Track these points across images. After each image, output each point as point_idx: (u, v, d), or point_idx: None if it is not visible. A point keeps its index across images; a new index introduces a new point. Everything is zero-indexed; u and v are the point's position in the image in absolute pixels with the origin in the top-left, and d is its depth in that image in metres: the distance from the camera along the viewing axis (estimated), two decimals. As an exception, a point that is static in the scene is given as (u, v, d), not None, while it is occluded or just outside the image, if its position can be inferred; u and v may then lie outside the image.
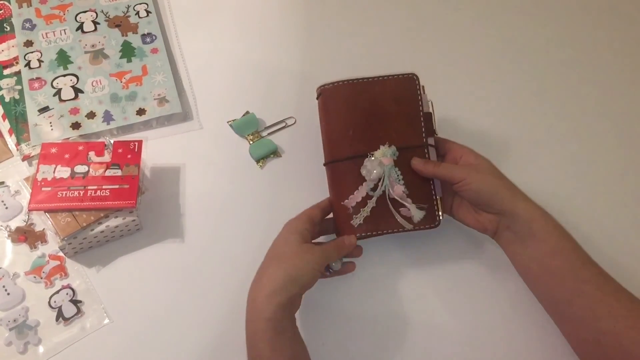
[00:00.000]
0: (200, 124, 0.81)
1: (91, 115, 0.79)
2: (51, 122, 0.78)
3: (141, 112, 0.80)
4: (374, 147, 0.67)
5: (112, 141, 0.72)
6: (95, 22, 0.86)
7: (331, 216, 0.69)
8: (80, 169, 0.70)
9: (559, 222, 0.62)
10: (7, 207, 0.73)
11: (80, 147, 0.72)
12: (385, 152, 0.66)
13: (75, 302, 0.68)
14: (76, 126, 0.78)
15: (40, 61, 0.82)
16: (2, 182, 0.75)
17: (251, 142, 0.79)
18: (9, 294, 0.68)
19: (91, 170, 0.70)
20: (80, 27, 0.85)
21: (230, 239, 0.73)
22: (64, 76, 0.81)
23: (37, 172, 0.70)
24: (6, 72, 0.82)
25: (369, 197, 0.66)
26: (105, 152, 0.72)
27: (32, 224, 0.72)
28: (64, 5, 0.87)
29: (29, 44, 0.83)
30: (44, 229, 0.72)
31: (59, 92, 0.80)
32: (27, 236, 0.71)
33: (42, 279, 0.69)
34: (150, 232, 0.73)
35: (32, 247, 0.71)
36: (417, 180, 0.67)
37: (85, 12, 0.86)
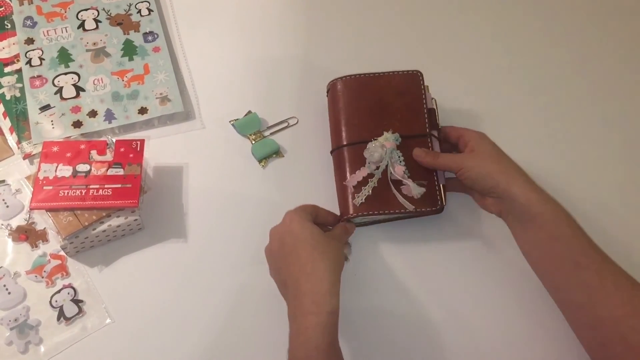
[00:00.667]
0: (202, 124, 0.80)
1: (93, 113, 0.78)
2: (52, 121, 0.77)
3: (143, 111, 0.79)
4: (379, 134, 0.70)
5: (114, 140, 0.72)
6: (96, 20, 0.85)
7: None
8: (82, 167, 0.70)
9: (561, 206, 0.62)
10: (8, 206, 0.73)
11: (82, 146, 0.71)
12: (388, 137, 0.69)
13: (76, 301, 0.68)
14: (77, 125, 0.77)
15: (41, 59, 0.82)
16: (3, 181, 0.74)
17: (253, 142, 0.79)
18: (10, 293, 0.68)
19: (93, 169, 0.70)
20: (81, 25, 0.85)
21: (232, 238, 0.73)
22: (66, 74, 0.81)
23: (38, 170, 0.69)
24: (7, 69, 0.81)
25: (371, 176, 0.69)
26: (107, 151, 0.71)
27: (33, 223, 0.72)
28: (65, 2, 0.86)
29: (30, 41, 0.83)
30: (45, 228, 0.71)
31: (60, 90, 0.80)
32: (28, 235, 0.71)
33: (43, 278, 0.69)
34: (152, 231, 0.72)
35: (33, 246, 0.71)
36: (420, 166, 0.70)
37: (86, 9, 0.86)
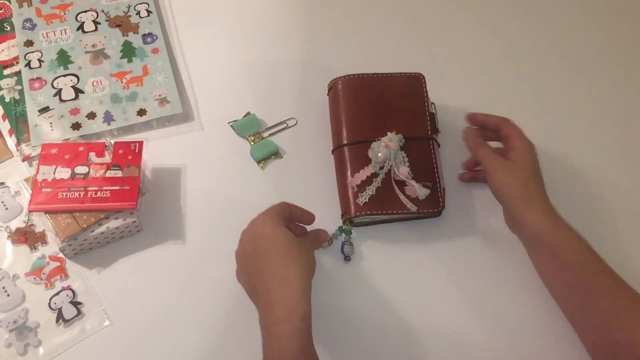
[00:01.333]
0: (201, 125, 0.80)
1: (92, 115, 0.79)
2: (51, 123, 0.77)
3: (142, 112, 0.79)
4: (381, 134, 0.70)
5: (112, 142, 0.72)
6: (95, 22, 0.85)
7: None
8: (80, 169, 0.70)
9: (573, 232, 0.61)
10: (7, 208, 0.73)
11: (80, 148, 0.71)
12: (392, 138, 0.70)
13: (75, 303, 0.68)
14: (76, 127, 0.77)
15: (40, 61, 0.82)
16: (2, 183, 0.74)
17: (252, 143, 0.79)
18: (8, 295, 0.68)
19: (92, 171, 0.70)
20: (80, 27, 0.85)
21: (231, 240, 0.72)
22: (65, 76, 0.81)
23: (37, 172, 0.69)
24: (6, 72, 0.81)
25: (375, 175, 0.69)
26: (105, 153, 0.71)
27: (32, 225, 0.72)
28: (64, 4, 0.86)
29: (29, 43, 0.83)
30: (44, 230, 0.71)
31: (59, 92, 0.80)
32: (27, 237, 0.71)
33: (42, 280, 0.69)
34: (150, 233, 0.72)
35: (32, 248, 0.71)
36: (422, 168, 0.70)
37: (85, 11, 0.86)
